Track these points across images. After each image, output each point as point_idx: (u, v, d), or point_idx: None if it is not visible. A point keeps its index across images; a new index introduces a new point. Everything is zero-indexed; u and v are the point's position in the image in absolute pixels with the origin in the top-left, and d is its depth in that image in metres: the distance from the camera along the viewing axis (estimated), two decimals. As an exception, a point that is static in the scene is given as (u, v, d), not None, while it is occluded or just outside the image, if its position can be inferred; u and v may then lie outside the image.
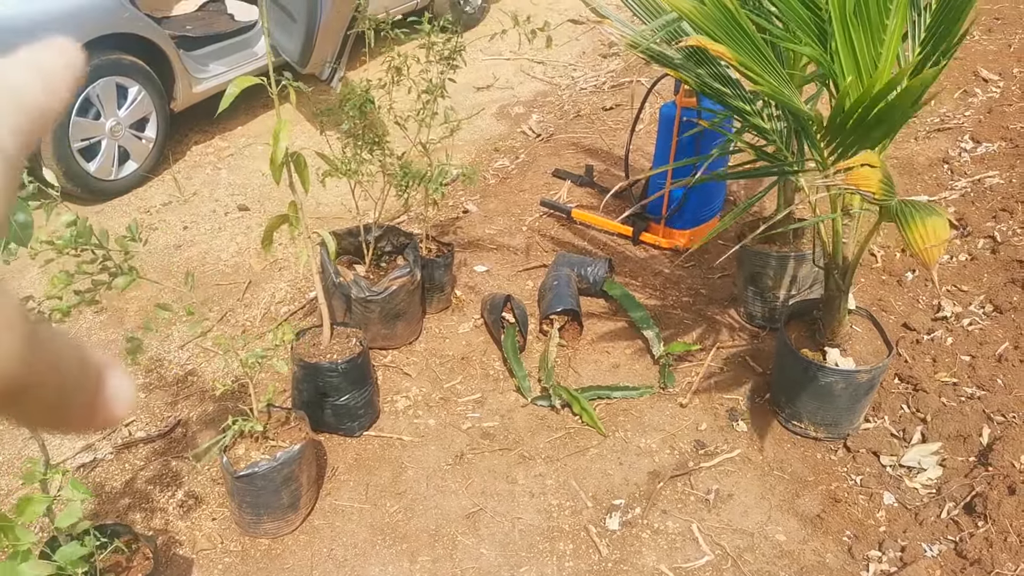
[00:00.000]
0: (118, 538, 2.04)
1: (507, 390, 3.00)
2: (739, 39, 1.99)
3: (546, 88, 5.40)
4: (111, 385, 0.33)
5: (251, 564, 2.40)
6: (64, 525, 1.79)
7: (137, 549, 2.09)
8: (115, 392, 0.33)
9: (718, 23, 1.96)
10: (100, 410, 0.32)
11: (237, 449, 2.42)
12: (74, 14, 3.79)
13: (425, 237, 3.33)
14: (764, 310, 3.18)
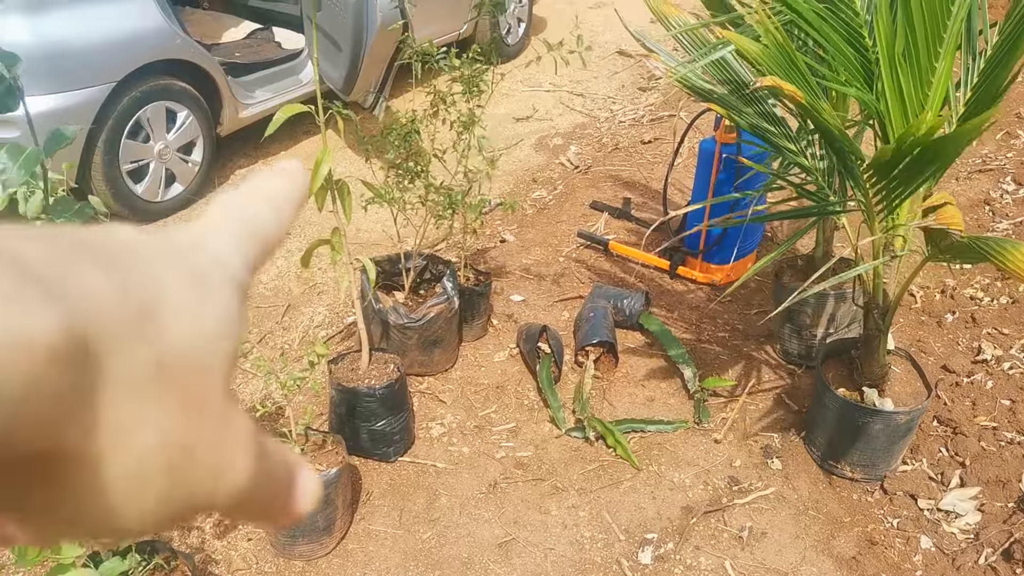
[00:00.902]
0: (158, 554, 2.07)
1: (541, 420, 3.01)
2: (796, 79, 2.01)
3: (585, 120, 5.44)
4: (301, 484, 0.34)
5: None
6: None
7: (176, 566, 2.12)
8: (304, 491, 0.35)
9: (778, 63, 1.98)
10: (291, 510, 0.34)
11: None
12: (129, 40, 3.89)
13: (463, 265, 3.36)
14: (801, 347, 3.17)
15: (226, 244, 0.35)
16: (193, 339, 0.29)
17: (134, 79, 3.95)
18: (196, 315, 0.29)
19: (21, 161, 1.26)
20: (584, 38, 2.84)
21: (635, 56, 6.17)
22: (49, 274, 0.25)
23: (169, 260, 0.30)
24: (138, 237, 0.30)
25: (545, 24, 7.08)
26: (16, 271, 0.23)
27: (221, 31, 5.34)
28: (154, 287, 0.28)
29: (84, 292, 0.25)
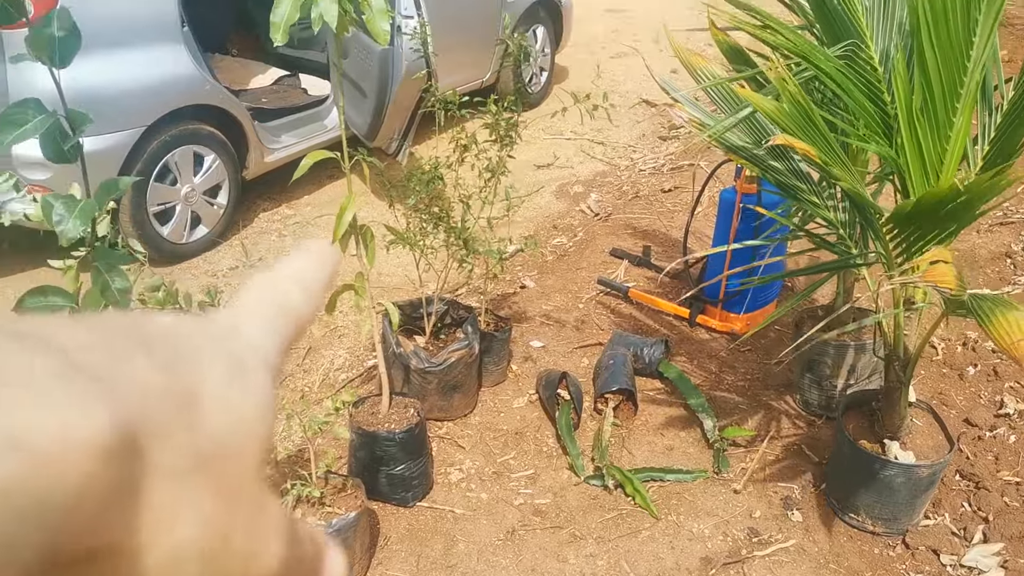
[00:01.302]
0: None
1: (560, 467, 3.00)
2: (814, 136, 2.04)
3: (605, 168, 5.49)
4: (329, 566, 0.36)
5: (301, 631, 2.41)
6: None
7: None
8: (331, 573, 0.36)
9: (795, 120, 2.01)
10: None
11: (294, 514, 2.46)
12: (161, 86, 3.98)
13: (483, 311, 3.38)
14: (821, 398, 3.16)
15: (260, 328, 0.36)
16: (230, 426, 0.30)
17: (164, 123, 4.04)
18: (233, 402, 0.31)
19: (77, 212, 1.30)
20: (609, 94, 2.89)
21: (660, 105, 6.24)
22: (98, 365, 0.25)
23: (208, 346, 0.32)
24: (179, 323, 0.32)
25: (567, 73, 7.18)
26: (67, 365, 0.24)
27: (249, 77, 5.46)
28: (194, 374, 0.30)
29: (132, 384, 0.26)
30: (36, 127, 1.34)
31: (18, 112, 1.35)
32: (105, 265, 1.45)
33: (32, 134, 1.34)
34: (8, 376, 0.22)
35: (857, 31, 2.29)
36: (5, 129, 1.32)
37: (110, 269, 1.45)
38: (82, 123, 1.47)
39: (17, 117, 1.33)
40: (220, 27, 5.75)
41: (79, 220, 1.37)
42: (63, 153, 1.41)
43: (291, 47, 5.79)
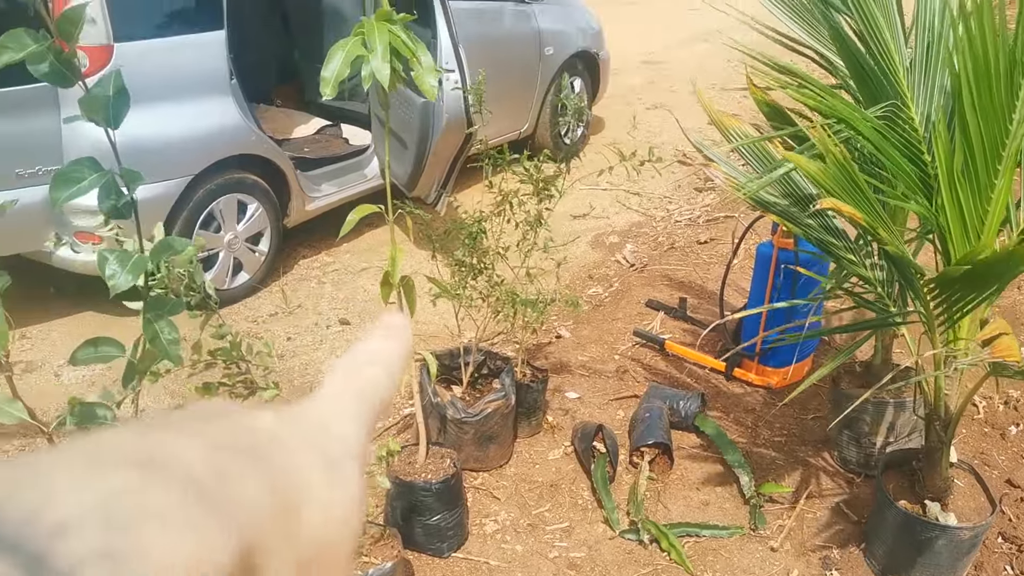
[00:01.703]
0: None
1: (595, 521, 2.99)
2: (856, 197, 2.05)
3: (641, 219, 5.53)
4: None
5: None
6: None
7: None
8: None
9: (838, 181, 2.03)
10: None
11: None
12: (209, 136, 4.10)
13: (520, 361, 3.40)
14: (860, 456, 3.13)
15: (349, 420, 0.39)
16: (327, 527, 0.33)
17: (210, 172, 4.14)
18: (329, 503, 0.34)
19: (129, 267, 1.35)
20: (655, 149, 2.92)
21: (695, 164, 6.28)
22: (217, 491, 0.28)
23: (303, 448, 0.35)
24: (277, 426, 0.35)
25: (603, 124, 7.26)
26: (188, 492, 0.27)
27: (292, 127, 5.59)
28: (294, 481, 0.33)
29: (247, 507, 0.29)
30: (91, 184, 1.40)
31: (75, 170, 1.40)
32: (155, 315, 1.50)
33: (86, 191, 1.40)
34: (148, 510, 0.25)
35: (897, 92, 2.31)
36: (61, 187, 1.38)
37: (159, 319, 1.49)
38: (135, 181, 1.53)
39: (74, 175, 1.39)
40: (265, 78, 5.91)
41: (131, 274, 1.42)
42: (118, 210, 1.46)
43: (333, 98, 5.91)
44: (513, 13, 5.81)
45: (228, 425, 0.33)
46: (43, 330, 4.19)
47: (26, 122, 3.69)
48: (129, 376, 1.58)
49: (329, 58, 2.21)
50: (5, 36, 1.28)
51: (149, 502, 0.26)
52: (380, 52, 2.20)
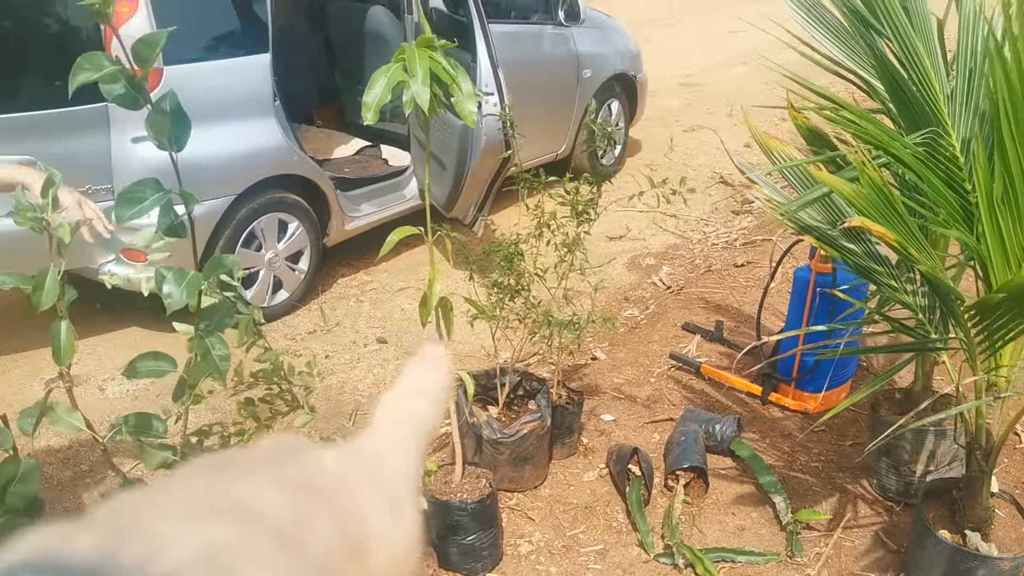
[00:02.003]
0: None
1: (630, 544, 2.99)
2: (893, 220, 2.05)
3: (677, 241, 5.53)
4: None
5: None
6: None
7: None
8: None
9: (873, 204, 2.03)
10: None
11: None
12: (252, 156, 4.17)
13: (556, 383, 3.41)
14: (899, 484, 3.10)
15: (403, 453, 0.42)
16: (391, 562, 0.36)
17: (252, 192, 4.22)
18: (392, 540, 0.36)
19: (184, 285, 1.40)
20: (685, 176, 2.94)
21: (736, 185, 6.27)
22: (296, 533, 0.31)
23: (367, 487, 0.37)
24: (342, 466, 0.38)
25: (640, 146, 7.28)
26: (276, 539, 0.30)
27: (333, 147, 5.67)
28: (361, 520, 0.35)
29: (321, 547, 0.31)
30: (152, 204, 1.44)
31: (137, 191, 1.45)
32: (207, 331, 1.54)
33: (148, 211, 1.44)
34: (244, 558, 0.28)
35: (937, 118, 2.31)
36: (125, 205, 1.43)
37: (210, 334, 1.54)
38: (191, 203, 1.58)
39: (137, 195, 1.44)
40: (307, 100, 6.00)
41: (186, 292, 1.46)
42: (175, 229, 1.51)
43: (374, 120, 6.00)
44: (552, 36, 5.86)
45: (299, 466, 0.36)
46: (89, 345, 4.28)
47: (78, 142, 3.80)
48: (180, 391, 1.62)
49: (371, 84, 2.26)
50: (82, 58, 1.34)
51: (243, 550, 0.29)
52: (421, 77, 2.24)
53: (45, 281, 1.42)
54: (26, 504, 1.40)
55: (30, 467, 1.40)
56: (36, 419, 1.37)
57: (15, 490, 1.38)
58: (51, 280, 1.42)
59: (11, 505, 1.38)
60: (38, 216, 1.45)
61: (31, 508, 1.43)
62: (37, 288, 1.41)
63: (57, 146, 3.71)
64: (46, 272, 1.42)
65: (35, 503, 1.43)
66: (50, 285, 1.42)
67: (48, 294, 1.41)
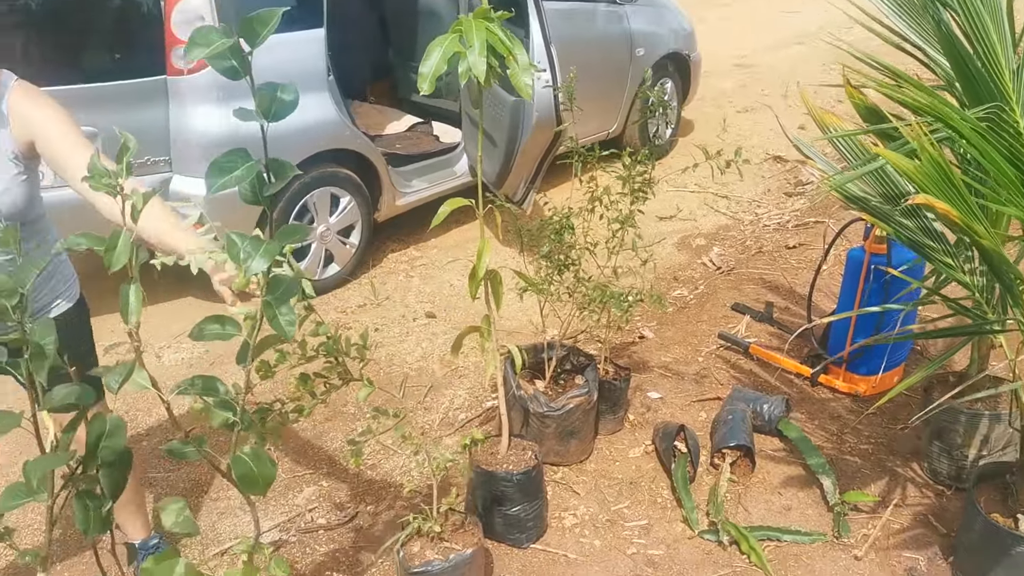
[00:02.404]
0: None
1: (674, 520, 2.99)
2: (952, 196, 2.02)
3: (729, 222, 5.48)
4: None
5: (414, 662, 2.47)
6: (264, 598, 1.93)
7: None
8: None
9: (932, 180, 2.00)
10: None
11: (412, 546, 2.53)
12: (306, 130, 4.22)
13: (603, 359, 3.42)
14: (951, 468, 3.05)
15: None
16: None
17: (306, 165, 4.27)
18: None
19: (262, 251, 1.43)
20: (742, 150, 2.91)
21: (791, 161, 6.19)
22: None
23: None
24: None
25: (693, 127, 7.21)
26: None
27: (385, 123, 5.71)
28: None
29: None
30: (243, 174, 1.47)
31: (228, 160, 1.48)
32: (276, 299, 1.56)
33: (240, 181, 1.47)
34: None
35: (1002, 94, 2.26)
36: (217, 175, 1.45)
37: (280, 303, 1.56)
38: (286, 172, 1.60)
39: (228, 164, 1.47)
40: (360, 75, 6.05)
41: (264, 258, 1.47)
42: (256, 197, 1.53)
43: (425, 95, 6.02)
44: (605, 14, 5.83)
45: None
46: (146, 313, 4.36)
47: (137, 114, 3.88)
48: (243, 354, 1.65)
49: (427, 55, 2.27)
50: (195, 33, 1.39)
51: None
52: (477, 48, 2.25)
53: (118, 243, 1.45)
54: (116, 457, 1.45)
55: (116, 423, 1.45)
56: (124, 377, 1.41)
57: (106, 444, 1.43)
58: (123, 242, 1.45)
59: (103, 459, 1.43)
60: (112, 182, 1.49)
61: (122, 460, 1.48)
62: (110, 249, 1.45)
63: (117, 118, 3.79)
64: (118, 234, 1.46)
65: (125, 455, 1.48)
66: (122, 247, 1.45)
67: (120, 255, 1.45)
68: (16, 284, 1.36)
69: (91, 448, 1.41)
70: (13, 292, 1.35)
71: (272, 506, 3.09)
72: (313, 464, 3.33)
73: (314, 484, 3.21)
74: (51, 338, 1.38)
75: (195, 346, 4.09)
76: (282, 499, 3.14)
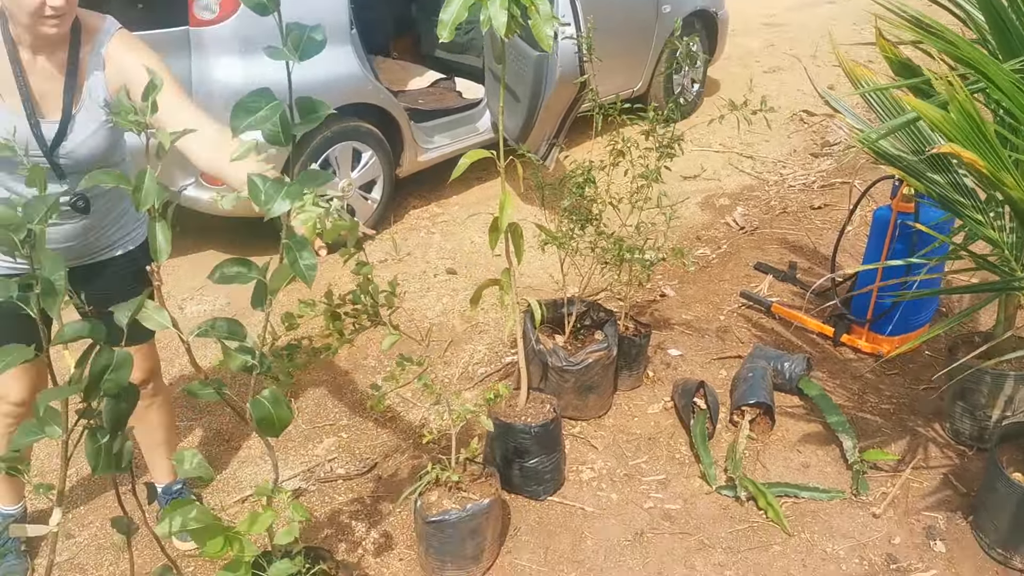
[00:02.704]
0: (323, 562, 2.19)
1: (692, 475, 2.99)
2: (983, 148, 1.97)
3: (753, 183, 5.41)
4: None
5: (431, 608, 2.50)
6: (283, 543, 1.95)
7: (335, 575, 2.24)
8: None
9: (962, 130, 1.95)
10: None
11: (430, 496, 2.55)
12: (329, 84, 4.19)
13: (623, 315, 3.40)
14: (973, 428, 3.03)
15: None
16: None
17: (328, 120, 4.22)
18: None
19: (284, 193, 1.42)
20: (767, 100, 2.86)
21: (820, 115, 6.09)
22: None
23: None
24: None
25: (719, 86, 7.11)
26: None
27: (407, 79, 5.67)
28: None
29: None
30: (267, 115, 1.46)
31: (252, 101, 1.47)
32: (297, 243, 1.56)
33: (264, 122, 1.46)
34: None
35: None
36: (241, 115, 1.44)
37: (301, 248, 1.55)
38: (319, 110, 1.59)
39: (251, 105, 1.46)
40: (383, 31, 6.00)
41: (286, 200, 1.47)
42: (278, 137, 1.52)
43: (448, 51, 5.98)
44: (632, -31, 5.73)
45: None
46: (168, 266, 4.41)
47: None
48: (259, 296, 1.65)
49: (448, 2, 2.24)
50: None
51: None
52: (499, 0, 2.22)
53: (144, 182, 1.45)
54: (120, 391, 1.46)
55: (123, 356, 1.45)
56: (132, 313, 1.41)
57: (110, 377, 1.44)
58: (150, 181, 1.45)
59: (107, 391, 1.44)
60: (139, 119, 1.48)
61: (128, 394, 1.49)
62: (137, 189, 1.45)
63: (141, 68, 3.79)
64: (144, 173, 1.46)
65: (129, 389, 1.49)
66: (149, 185, 1.45)
67: (147, 194, 1.45)
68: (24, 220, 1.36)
69: (94, 379, 1.42)
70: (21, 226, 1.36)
71: (292, 456, 3.12)
72: (333, 415, 3.35)
73: (334, 435, 3.24)
74: (60, 273, 1.38)
75: (217, 298, 4.11)
76: (302, 449, 3.17)
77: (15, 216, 1.34)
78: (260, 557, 2.10)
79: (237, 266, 1.57)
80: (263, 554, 2.14)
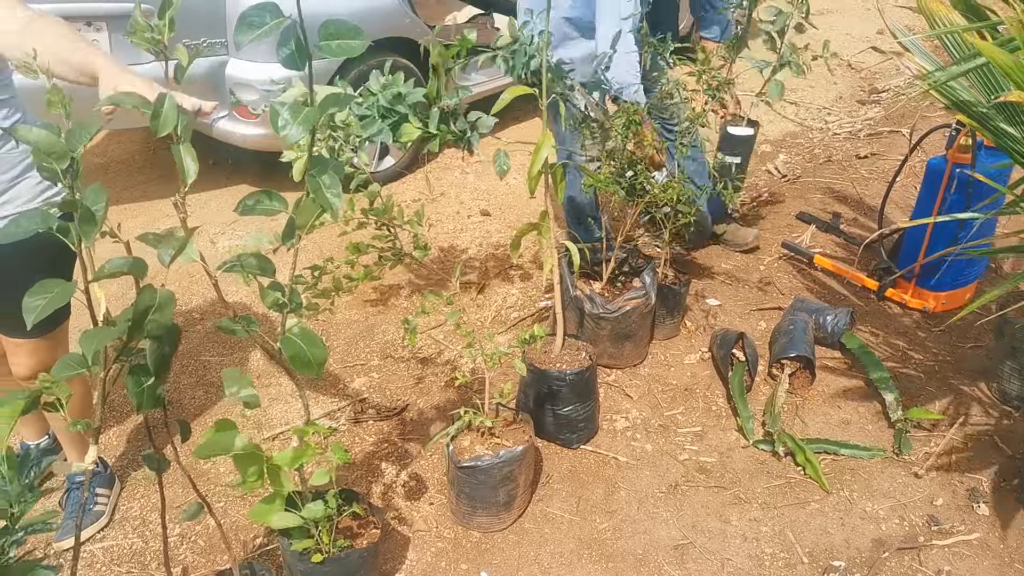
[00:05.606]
0: (355, 503, 2.16)
1: (728, 428, 2.93)
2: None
3: (796, 130, 5.25)
4: None
5: (461, 553, 2.47)
6: (318, 483, 1.92)
7: (367, 519, 2.21)
8: None
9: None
10: None
11: (462, 441, 2.51)
12: (367, 15, 4.09)
13: (662, 262, 3.31)
14: (1022, 389, 2.93)
15: None
16: None
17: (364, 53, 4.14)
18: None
19: (300, 118, 1.35)
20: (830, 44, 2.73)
21: (887, 53, 5.87)
22: None
23: None
24: None
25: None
26: None
27: (445, 13, 5.53)
28: None
29: None
30: (271, 29, 1.38)
31: (256, 15, 1.39)
32: (319, 170, 1.50)
33: (268, 35, 1.38)
34: None
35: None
36: (245, 29, 1.37)
37: (323, 173, 1.49)
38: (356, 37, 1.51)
39: (256, 19, 1.38)
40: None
41: (302, 125, 1.41)
42: (293, 59, 1.45)
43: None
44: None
45: None
46: (200, 199, 4.36)
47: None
48: (289, 232, 1.60)
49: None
50: None
51: None
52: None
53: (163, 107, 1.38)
54: (163, 331, 1.41)
55: (165, 296, 1.40)
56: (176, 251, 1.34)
57: (153, 318, 1.38)
58: (169, 106, 1.38)
59: (150, 332, 1.39)
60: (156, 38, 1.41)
61: (170, 335, 1.44)
62: (155, 116, 1.38)
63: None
64: (163, 98, 1.39)
65: (172, 330, 1.44)
66: (168, 110, 1.38)
67: (167, 120, 1.38)
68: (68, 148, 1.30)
69: (138, 320, 1.36)
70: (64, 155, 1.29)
71: (322, 396, 3.09)
72: (364, 356, 3.31)
73: (365, 375, 3.20)
74: (102, 204, 1.32)
75: (249, 233, 4.07)
76: (332, 389, 3.13)
77: (59, 144, 1.27)
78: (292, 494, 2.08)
79: (264, 198, 1.51)
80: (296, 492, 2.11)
